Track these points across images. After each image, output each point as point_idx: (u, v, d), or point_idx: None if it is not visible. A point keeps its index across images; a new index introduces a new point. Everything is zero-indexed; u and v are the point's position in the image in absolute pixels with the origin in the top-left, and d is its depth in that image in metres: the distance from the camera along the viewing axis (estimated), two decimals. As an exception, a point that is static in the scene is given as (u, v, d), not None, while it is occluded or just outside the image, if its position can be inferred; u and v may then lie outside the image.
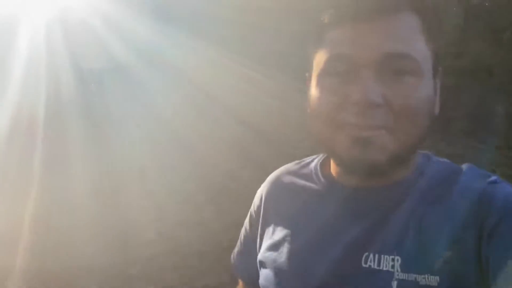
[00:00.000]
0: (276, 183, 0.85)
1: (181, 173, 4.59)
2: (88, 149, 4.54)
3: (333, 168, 0.76)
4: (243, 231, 0.92)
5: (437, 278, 0.60)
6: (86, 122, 4.70)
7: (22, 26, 4.33)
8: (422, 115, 0.64)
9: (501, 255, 0.57)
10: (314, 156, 0.85)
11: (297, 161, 0.87)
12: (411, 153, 0.67)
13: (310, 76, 0.71)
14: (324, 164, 0.80)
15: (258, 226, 0.84)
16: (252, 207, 0.89)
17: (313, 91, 0.68)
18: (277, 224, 0.78)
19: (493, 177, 0.67)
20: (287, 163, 0.88)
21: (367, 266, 0.65)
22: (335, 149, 0.67)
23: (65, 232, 3.67)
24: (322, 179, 0.76)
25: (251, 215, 0.89)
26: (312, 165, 0.82)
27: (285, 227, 0.76)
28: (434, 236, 0.63)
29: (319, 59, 0.68)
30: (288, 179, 0.83)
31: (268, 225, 0.81)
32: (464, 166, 0.71)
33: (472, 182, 0.66)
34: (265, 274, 0.76)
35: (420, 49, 0.64)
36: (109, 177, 4.38)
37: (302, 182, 0.80)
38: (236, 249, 0.94)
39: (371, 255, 0.65)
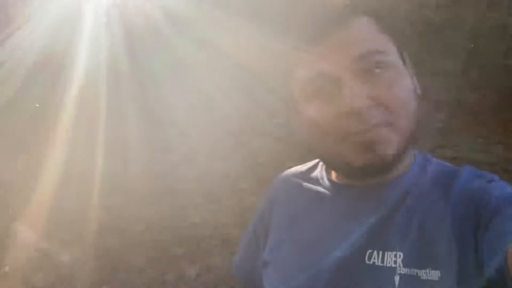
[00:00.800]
0: (284, 185, 0.88)
1: (228, 158, 4.69)
2: (141, 131, 4.70)
3: (334, 172, 0.80)
4: (246, 235, 0.93)
5: (438, 272, 0.62)
6: (140, 106, 4.86)
7: (84, 11, 4.52)
8: (409, 102, 0.67)
9: (492, 245, 0.58)
10: (317, 160, 0.88)
11: (303, 164, 0.90)
12: (411, 142, 0.70)
13: (293, 95, 0.74)
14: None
15: (265, 229, 0.86)
16: (259, 210, 0.91)
17: (305, 112, 0.71)
18: (283, 225, 0.81)
19: (492, 177, 0.70)
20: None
21: (371, 262, 0.67)
22: (342, 159, 0.69)
23: (115, 210, 3.85)
24: (327, 182, 0.79)
25: (257, 218, 0.91)
26: (318, 168, 0.85)
27: (292, 227, 0.79)
28: (435, 232, 0.65)
29: (300, 79, 0.71)
30: (295, 181, 0.86)
31: (275, 227, 0.83)
32: (464, 167, 0.73)
33: (471, 181, 0.68)
34: (270, 274, 0.78)
35: (383, 42, 0.68)
36: (160, 160, 4.53)
37: (309, 184, 0.82)
38: (239, 254, 0.96)
39: (375, 252, 0.67)
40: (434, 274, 0.62)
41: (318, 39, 0.68)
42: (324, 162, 0.81)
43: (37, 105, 4.28)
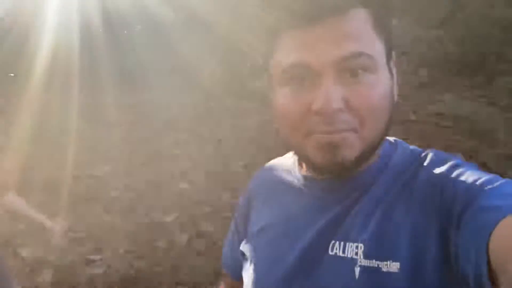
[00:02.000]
0: (261, 177, 0.89)
1: (211, 124, 4.67)
2: (120, 98, 4.63)
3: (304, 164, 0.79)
4: (229, 232, 0.95)
5: (398, 264, 0.61)
6: (119, 71, 4.76)
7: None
8: (383, 110, 0.65)
9: (467, 244, 0.56)
10: None
11: (283, 156, 0.89)
12: (377, 146, 0.69)
13: (269, 78, 0.71)
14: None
15: (244, 224, 0.87)
16: (240, 205, 0.91)
17: (276, 98, 0.68)
18: (258, 217, 0.82)
19: (456, 161, 0.68)
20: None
21: (333, 253, 0.67)
22: (305, 154, 0.68)
23: (97, 180, 3.84)
24: (298, 174, 0.79)
25: (238, 214, 0.92)
26: (291, 160, 0.84)
27: (264, 219, 0.80)
28: (396, 224, 0.64)
29: (276, 65, 0.67)
30: (271, 173, 0.86)
31: (251, 219, 0.84)
32: (429, 152, 0.72)
33: (435, 168, 0.67)
34: (244, 265, 0.80)
35: (373, 44, 0.64)
36: (141, 126, 4.49)
37: (282, 176, 0.82)
38: (224, 251, 0.97)
39: (337, 243, 0.67)
40: (393, 266, 0.61)
41: (308, 22, 0.63)
42: (295, 154, 0.80)
43: (12, 75, 4.15)
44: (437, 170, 0.67)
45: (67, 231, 2.32)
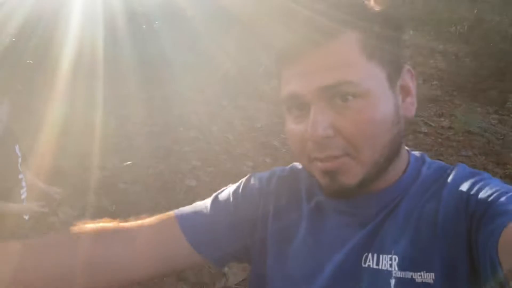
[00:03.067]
0: (283, 183, 0.84)
1: (221, 122, 4.69)
2: (136, 91, 4.67)
3: None
4: (217, 200, 0.84)
5: (433, 275, 0.62)
6: (138, 63, 4.80)
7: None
8: (376, 135, 0.65)
9: (484, 244, 0.57)
10: None
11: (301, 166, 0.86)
12: (385, 166, 0.68)
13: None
14: None
15: (250, 212, 0.81)
16: (247, 194, 0.84)
17: (286, 125, 0.71)
18: (279, 225, 0.79)
19: (483, 175, 0.68)
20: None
21: (366, 265, 0.67)
22: (314, 177, 0.70)
23: (114, 173, 3.87)
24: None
25: (245, 192, 0.83)
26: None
27: (289, 230, 0.78)
28: (428, 234, 0.65)
29: (280, 94, 0.70)
30: (294, 181, 0.83)
31: (268, 223, 0.80)
32: (456, 166, 0.72)
33: (462, 180, 0.68)
34: (257, 271, 0.79)
35: (359, 68, 0.64)
36: (157, 119, 4.52)
37: (307, 187, 0.81)
38: (193, 215, 0.82)
39: (370, 255, 0.68)
40: (428, 277, 0.62)
41: (295, 56, 0.66)
42: None
43: (31, 62, 4.21)
44: (464, 183, 0.67)
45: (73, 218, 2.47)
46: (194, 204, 0.85)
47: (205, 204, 0.83)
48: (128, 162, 3.89)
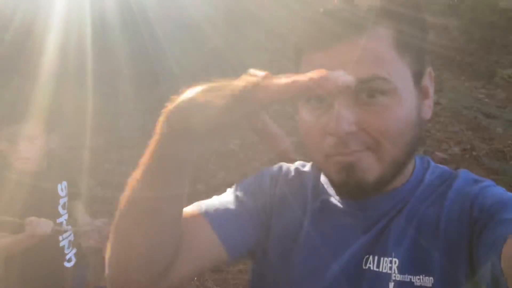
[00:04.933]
0: (291, 182, 0.82)
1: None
2: (126, 65, 4.58)
3: None
4: (238, 198, 0.80)
5: (431, 279, 0.63)
6: (126, 39, 4.69)
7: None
8: (400, 133, 0.64)
9: (485, 252, 0.58)
10: None
11: (310, 164, 0.85)
12: (401, 166, 0.68)
13: None
14: None
15: (261, 208, 0.80)
16: (264, 179, 0.83)
17: (300, 115, 0.69)
18: (287, 224, 0.78)
19: (487, 182, 0.69)
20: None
21: (366, 268, 0.68)
22: (326, 173, 0.70)
23: (99, 153, 3.83)
24: (331, 189, 0.78)
25: (258, 188, 0.82)
26: (319, 171, 0.81)
27: (295, 229, 0.76)
28: (429, 238, 0.65)
29: None
30: (302, 181, 0.82)
31: (272, 221, 0.79)
32: (459, 172, 0.72)
33: (466, 186, 0.68)
34: (276, 281, 0.76)
35: (391, 65, 0.63)
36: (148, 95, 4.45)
37: (314, 188, 0.80)
38: (220, 210, 0.78)
39: (371, 257, 0.68)
40: (427, 281, 0.63)
41: (326, 44, 0.63)
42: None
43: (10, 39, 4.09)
44: (467, 189, 0.68)
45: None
46: (219, 201, 0.79)
47: (227, 200, 0.79)
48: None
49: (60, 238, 1.78)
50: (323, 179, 0.80)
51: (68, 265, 1.81)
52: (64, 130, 3.72)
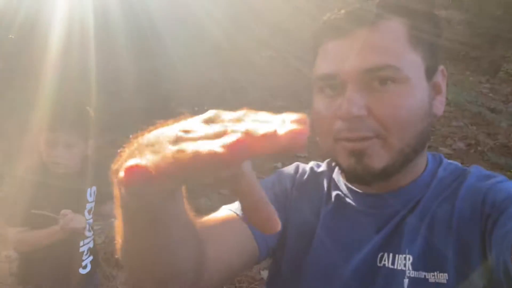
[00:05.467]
0: (306, 182, 0.83)
1: (212, 98, 4.64)
2: (130, 63, 4.58)
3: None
4: (270, 185, 0.82)
5: (446, 275, 0.63)
6: (129, 36, 4.70)
7: None
8: (411, 121, 0.65)
9: (497, 246, 0.59)
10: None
11: (326, 161, 0.86)
12: (410, 158, 0.69)
13: (312, 83, 0.73)
14: None
15: (282, 205, 0.80)
16: (278, 180, 0.84)
17: (314, 103, 0.72)
18: (300, 221, 0.78)
19: (499, 177, 0.70)
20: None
21: (381, 265, 0.69)
22: (336, 160, 0.71)
23: (103, 151, 3.84)
24: (345, 187, 0.78)
25: (279, 187, 0.82)
26: (335, 170, 0.82)
27: (309, 227, 0.77)
28: (442, 235, 0.66)
29: (315, 72, 0.71)
30: (316, 179, 0.83)
31: (290, 218, 0.80)
32: (471, 168, 0.73)
33: (477, 182, 0.69)
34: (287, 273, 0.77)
35: (403, 56, 0.65)
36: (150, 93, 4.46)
37: (328, 186, 0.80)
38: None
39: (385, 255, 0.69)
40: (441, 277, 0.64)
41: (341, 33, 0.67)
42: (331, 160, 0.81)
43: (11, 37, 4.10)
44: (479, 185, 0.68)
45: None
46: None
47: None
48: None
49: (81, 243, 1.78)
50: (335, 175, 0.81)
51: (83, 271, 1.81)
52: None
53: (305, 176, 0.84)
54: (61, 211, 1.62)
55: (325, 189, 0.80)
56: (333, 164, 0.83)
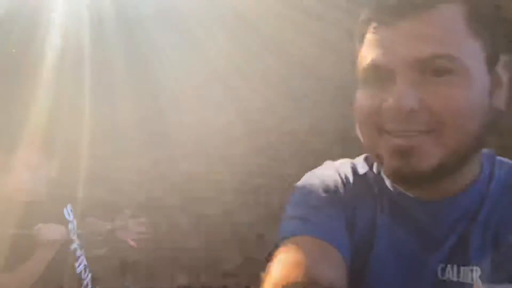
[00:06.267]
0: (353, 188, 0.77)
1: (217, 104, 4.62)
2: (126, 74, 4.57)
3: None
4: (326, 188, 0.76)
5: None
6: (124, 47, 4.69)
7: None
8: (468, 116, 0.61)
9: None
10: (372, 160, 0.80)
11: (363, 159, 0.80)
12: (466, 157, 0.64)
13: (356, 70, 0.69)
14: None
15: (350, 219, 0.75)
16: (334, 181, 0.77)
17: (357, 94, 0.66)
18: (363, 243, 0.73)
19: None
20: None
21: (445, 278, 0.65)
22: (379, 154, 0.65)
23: (109, 161, 3.81)
24: (394, 190, 0.73)
25: (335, 190, 0.77)
26: (380, 174, 0.77)
27: (364, 239, 0.73)
28: (509, 245, 0.63)
29: (360, 60, 0.66)
30: (360, 186, 0.77)
31: (354, 228, 0.75)
32: None
33: None
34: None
35: (462, 44, 0.60)
36: (147, 105, 4.45)
37: (378, 192, 0.75)
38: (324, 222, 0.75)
39: (449, 267, 0.65)
40: None
41: (392, 17, 0.61)
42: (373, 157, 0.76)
43: (14, 51, 4.08)
44: None
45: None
46: (317, 219, 0.71)
47: (328, 216, 0.72)
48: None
49: (76, 264, 1.70)
50: (383, 177, 0.75)
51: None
52: (68, 139, 3.73)
53: (351, 182, 0.77)
54: (34, 227, 1.50)
55: (377, 195, 0.74)
56: (373, 162, 0.77)
